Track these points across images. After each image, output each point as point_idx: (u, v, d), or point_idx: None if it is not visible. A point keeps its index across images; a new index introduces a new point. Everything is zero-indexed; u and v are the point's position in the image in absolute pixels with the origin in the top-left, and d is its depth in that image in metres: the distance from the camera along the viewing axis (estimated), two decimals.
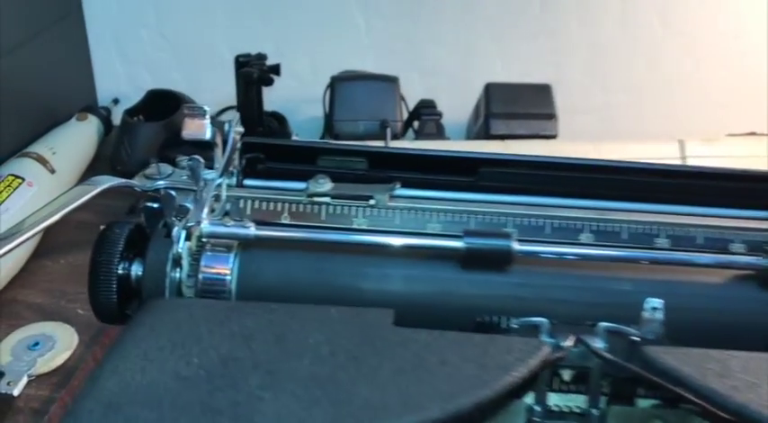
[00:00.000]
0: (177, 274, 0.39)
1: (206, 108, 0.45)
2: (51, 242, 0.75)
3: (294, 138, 0.99)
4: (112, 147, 0.92)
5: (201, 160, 0.43)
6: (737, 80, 0.98)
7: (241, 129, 0.46)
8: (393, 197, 0.45)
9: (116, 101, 1.05)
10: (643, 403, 0.38)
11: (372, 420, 0.28)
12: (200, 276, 0.39)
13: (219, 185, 0.43)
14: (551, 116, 0.89)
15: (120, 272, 0.40)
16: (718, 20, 0.95)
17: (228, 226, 0.39)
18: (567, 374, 0.38)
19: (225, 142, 0.45)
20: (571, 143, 0.90)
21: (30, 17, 0.88)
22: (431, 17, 0.99)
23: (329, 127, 0.88)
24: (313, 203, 0.44)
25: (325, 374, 0.31)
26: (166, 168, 0.45)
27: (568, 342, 0.36)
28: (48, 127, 0.91)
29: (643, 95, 0.99)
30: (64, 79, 0.99)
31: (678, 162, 0.88)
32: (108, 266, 0.39)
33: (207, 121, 0.45)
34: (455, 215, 0.44)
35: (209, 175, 0.43)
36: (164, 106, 0.96)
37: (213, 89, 1.03)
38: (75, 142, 0.90)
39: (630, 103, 1.00)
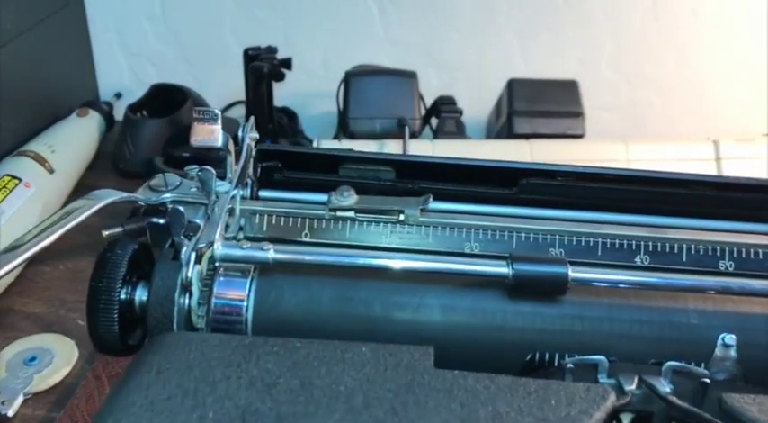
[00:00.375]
0: (186, 302, 0.35)
1: (217, 111, 0.41)
2: (50, 246, 0.70)
3: (305, 135, 0.95)
4: (115, 144, 0.89)
5: (213, 171, 0.38)
6: None
7: (256, 135, 0.42)
8: (425, 211, 0.41)
9: (119, 95, 1.00)
10: None
11: None
12: (213, 305, 0.34)
13: (233, 199, 0.38)
14: (578, 114, 0.85)
15: (122, 297, 0.35)
16: (756, 11, 0.90)
17: (244, 248, 0.34)
18: (626, 419, 0.34)
19: (239, 150, 0.40)
20: (601, 142, 0.85)
21: (27, 6, 0.84)
22: (449, 9, 0.94)
23: (343, 125, 0.83)
24: (336, 219, 0.40)
25: None
26: (174, 179, 0.40)
27: (632, 385, 0.32)
28: (47, 123, 0.86)
29: (673, 92, 0.94)
30: (64, 72, 0.95)
31: (713, 163, 0.84)
32: (109, 293, 0.34)
33: (218, 126, 0.40)
34: (495, 232, 0.40)
35: (221, 187, 0.39)
36: (169, 101, 0.92)
37: (221, 84, 0.99)
38: (75, 140, 0.86)
39: (659, 100, 0.96)
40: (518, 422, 0.27)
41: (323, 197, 0.41)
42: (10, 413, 0.53)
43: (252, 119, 0.42)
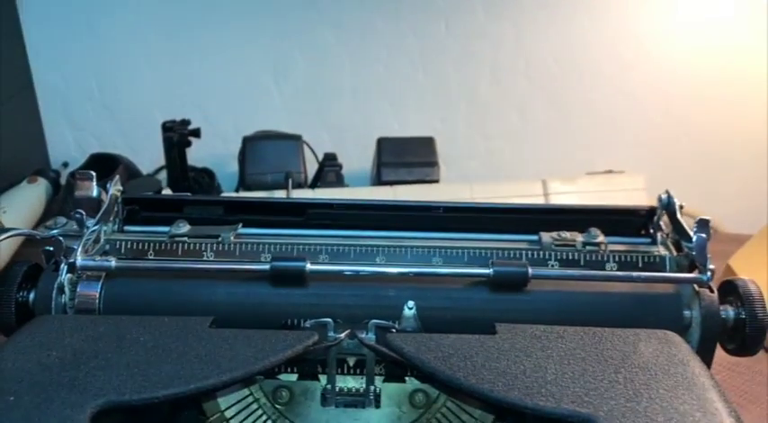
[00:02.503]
0: (63, 299, 0.53)
1: (93, 173, 0.59)
2: None
3: (221, 190, 1.14)
4: (59, 204, 1.06)
5: (84, 213, 0.56)
6: (598, 124, 1.13)
7: (120, 187, 0.60)
8: (238, 235, 0.59)
9: (65, 164, 1.19)
10: (411, 381, 0.52)
11: (167, 387, 0.42)
12: (76, 299, 0.52)
13: (96, 231, 0.56)
14: (434, 164, 1.04)
15: (19, 299, 0.53)
16: (575, 75, 1.11)
17: (96, 260, 0.53)
18: (351, 361, 0.52)
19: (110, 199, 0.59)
20: (451, 185, 1.05)
21: None
22: (332, 82, 1.15)
23: (242, 179, 1.02)
24: (173, 242, 0.58)
25: (144, 360, 0.44)
26: (62, 220, 0.58)
27: (342, 335, 0.50)
28: (2, 189, 1.04)
29: (517, 141, 1.14)
30: (18, 146, 1.13)
31: (542, 199, 1.03)
32: (8, 294, 0.52)
33: (93, 183, 0.59)
34: (284, 246, 0.58)
35: (91, 223, 0.57)
36: (105, 167, 1.10)
37: (152, 150, 1.17)
38: (24, 202, 1.04)
39: (507, 148, 1.15)
40: (242, 351, 0.44)
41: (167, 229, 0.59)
42: None
43: (116, 176, 0.60)
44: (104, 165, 1.11)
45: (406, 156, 1.04)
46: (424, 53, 1.11)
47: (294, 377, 0.52)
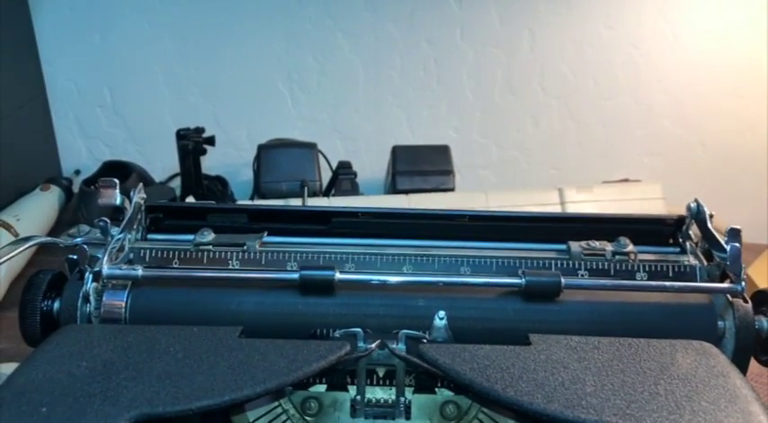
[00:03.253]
0: (88, 308, 0.52)
1: (115, 181, 0.58)
2: (15, 297, 0.87)
3: (234, 198, 1.13)
4: (72, 212, 1.06)
5: (108, 221, 0.56)
6: (614, 133, 1.13)
7: (144, 195, 0.60)
8: (263, 243, 0.58)
9: (77, 172, 1.19)
10: (442, 392, 0.51)
11: (200, 398, 0.41)
12: (102, 308, 0.52)
13: (120, 239, 0.56)
14: (449, 172, 1.04)
15: (44, 308, 0.52)
16: (590, 83, 1.11)
17: (122, 269, 0.52)
18: (381, 371, 0.51)
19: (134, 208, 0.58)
20: (466, 194, 1.04)
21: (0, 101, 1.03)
22: (346, 91, 1.14)
23: (257, 188, 1.02)
24: (198, 250, 0.57)
25: (175, 370, 0.43)
26: (85, 228, 0.58)
27: (373, 345, 0.49)
28: (15, 196, 1.04)
29: (532, 150, 1.14)
30: (31, 154, 1.13)
31: (558, 207, 1.02)
32: (33, 303, 0.51)
33: (117, 190, 0.58)
34: (310, 255, 0.57)
35: (115, 231, 0.56)
36: (117, 175, 1.09)
37: (164, 158, 1.18)
38: (37, 210, 1.03)
39: (522, 157, 1.15)
40: (276, 362, 0.44)
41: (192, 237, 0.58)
42: None
43: (140, 185, 0.60)
44: (117, 172, 1.10)
45: (420, 164, 1.03)
46: (438, 61, 1.11)
47: (323, 388, 0.51)
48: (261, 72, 1.14)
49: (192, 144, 1.00)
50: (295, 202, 0.97)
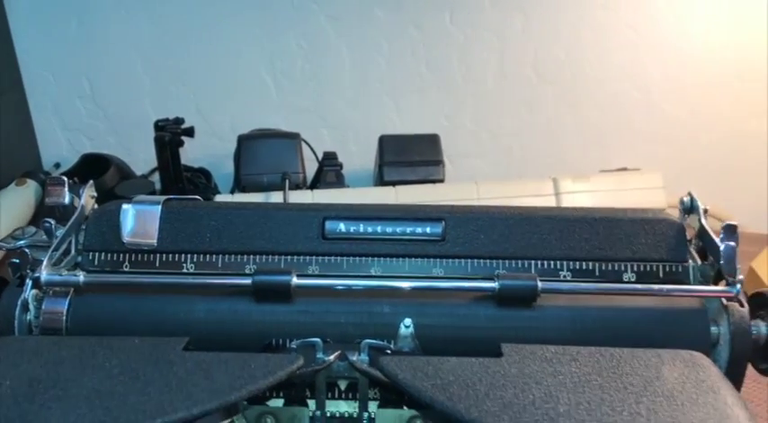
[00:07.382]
0: (28, 317, 0.48)
1: (64, 178, 0.54)
2: None
3: (217, 191, 1.09)
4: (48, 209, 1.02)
5: (53, 222, 0.52)
6: (612, 120, 1.08)
7: (94, 193, 0.55)
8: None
9: (57, 165, 1.16)
10: (409, 407, 0.47)
11: (129, 422, 0.37)
12: (41, 317, 0.48)
13: (64, 242, 0.51)
14: (439, 162, 0.99)
15: None
16: (586, 67, 1.05)
17: (62, 275, 0.48)
18: (343, 384, 0.47)
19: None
20: (456, 185, 0.99)
21: None
22: (331, 78, 1.10)
23: (238, 181, 0.98)
24: (151, 253, 0.53)
25: (107, 388, 0.39)
26: (31, 230, 0.54)
27: (332, 357, 0.45)
28: None
29: (526, 138, 1.09)
30: (8, 147, 1.10)
31: (552, 198, 0.98)
32: None
33: (66, 189, 0.54)
34: (270, 257, 0.53)
35: (60, 232, 0.52)
36: (97, 168, 1.06)
37: (145, 150, 1.13)
38: (12, 206, 1.00)
39: (516, 145, 1.10)
40: (220, 379, 0.40)
41: None
42: None
43: (90, 181, 0.56)
44: (96, 166, 1.07)
45: (409, 154, 0.99)
46: (427, 45, 1.06)
47: (281, 402, 0.47)
48: (243, 59, 1.09)
49: (169, 135, 0.95)
50: (277, 196, 0.93)
